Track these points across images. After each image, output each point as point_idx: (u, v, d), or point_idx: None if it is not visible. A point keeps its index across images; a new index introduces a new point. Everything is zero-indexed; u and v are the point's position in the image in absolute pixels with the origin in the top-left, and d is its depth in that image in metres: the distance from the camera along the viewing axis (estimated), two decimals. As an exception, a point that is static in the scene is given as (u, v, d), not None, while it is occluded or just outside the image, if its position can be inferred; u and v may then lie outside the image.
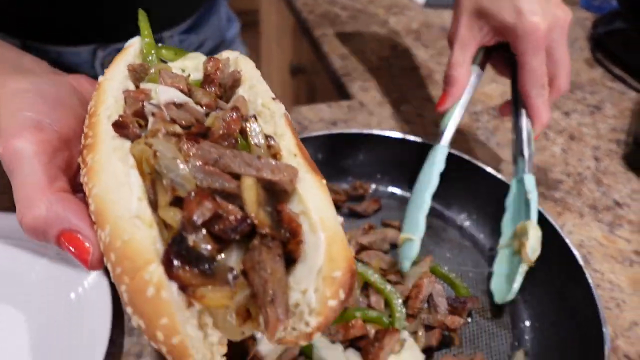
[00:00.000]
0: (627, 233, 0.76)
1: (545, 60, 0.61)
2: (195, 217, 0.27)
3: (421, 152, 0.70)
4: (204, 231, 0.28)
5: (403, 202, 0.73)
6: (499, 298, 0.60)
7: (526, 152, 0.63)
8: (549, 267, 0.60)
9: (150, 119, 0.34)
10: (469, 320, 0.60)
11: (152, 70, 0.40)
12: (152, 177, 0.31)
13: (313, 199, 0.32)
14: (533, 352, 0.57)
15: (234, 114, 0.35)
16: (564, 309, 0.57)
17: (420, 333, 0.55)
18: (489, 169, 0.69)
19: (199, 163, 0.31)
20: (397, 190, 0.76)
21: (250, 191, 0.30)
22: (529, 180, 0.61)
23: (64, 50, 0.78)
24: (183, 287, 0.27)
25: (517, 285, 0.58)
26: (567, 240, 0.60)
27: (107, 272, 0.32)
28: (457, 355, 0.56)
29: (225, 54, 0.45)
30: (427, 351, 0.55)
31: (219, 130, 0.33)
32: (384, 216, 0.72)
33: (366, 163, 0.76)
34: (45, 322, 0.55)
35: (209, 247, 0.28)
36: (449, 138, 0.67)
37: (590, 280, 0.57)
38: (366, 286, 0.60)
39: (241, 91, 0.40)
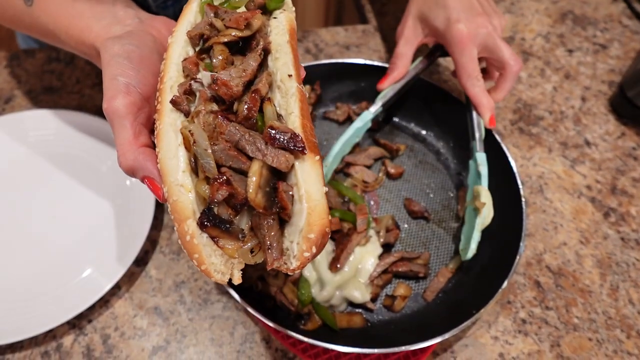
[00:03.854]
0: (586, 170, 0.87)
1: (474, 57, 0.73)
2: (216, 197, 0.41)
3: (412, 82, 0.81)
4: (224, 204, 0.41)
5: (394, 126, 0.87)
6: (463, 256, 0.71)
7: (477, 135, 0.74)
8: (499, 193, 0.74)
9: (197, 96, 0.45)
10: (428, 225, 0.77)
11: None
12: (194, 153, 0.43)
13: (304, 176, 0.41)
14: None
15: (255, 96, 0.44)
16: (501, 225, 0.72)
17: (381, 232, 0.73)
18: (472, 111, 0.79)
19: (223, 145, 0.42)
20: (392, 115, 0.89)
21: (254, 176, 0.40)
22: (480, 157, 0.73)
23: None
24: (211, 237, 0.41)
25: (474, 244, 0.69)
26: (515, 171, 0.73)
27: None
28: (409, 251, 0.73)
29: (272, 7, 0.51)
30: (387, 246, 0.73)
31: (242, 112, 0.44)
32: (377, 135, 0.86)
33: (367, 89, 0.88)
34: (107, 201, 0.75)
35: (226, 214, 0.41)
36: (375, 109, 0.78)
37: (523, 205, 0.71)
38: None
39: (269, 59, 0.48)
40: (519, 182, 0.73)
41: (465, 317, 0.63)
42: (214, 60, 0.47)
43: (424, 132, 0.87)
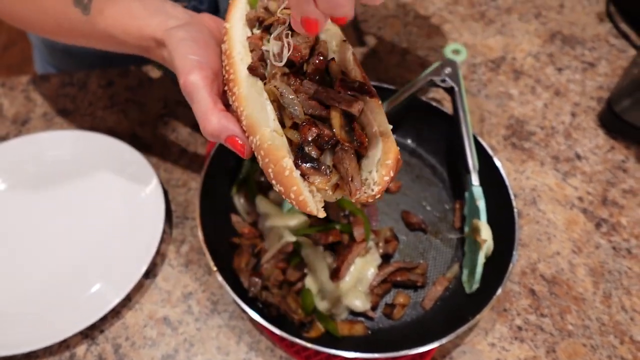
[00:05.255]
0: (578, 182, 0.91)
1: None
2: (308, 137, 0.47)
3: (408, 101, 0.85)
4: (312, 144, 0.47)
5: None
6: (468, 289, 0.73)
7: (471, 167, 0.77)
8: (492, 204, 0.77)
9: (268, 63, 0.52)
10: (425, 237, 0.81)
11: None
12: (279, 106, 0.50)
13: (374, 115, 0.49)
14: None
15: (320, 57, 0.51)
16: (495, 236, 0.75)
17: (380, 244, 0.76)
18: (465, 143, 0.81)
19: (304, 96, 0.49)
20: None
21: (335, 119, 0.48)
22: (477, 192, 0.75)
23: None
24: (303, 175, 0.47)
25: (478, 277, 0.71)
26: (507, 184, 0.77)
27: (161, 183, 0.51)
28: (407, 262, 0.76)
29: None
30: (386, 257, 0.76)
31: (313, 69, 0.51)
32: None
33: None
34: (119, 217, 0.79)
35: (314, 153, 0.47)
36: None
37: (515, 214, 0.74)
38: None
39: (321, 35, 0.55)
40: (511, 194, 0.76)
41: (462, 322, 0.65)
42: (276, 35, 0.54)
43: (419, 148, 0.91)
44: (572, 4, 1.23)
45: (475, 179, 0.77)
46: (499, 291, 0.67)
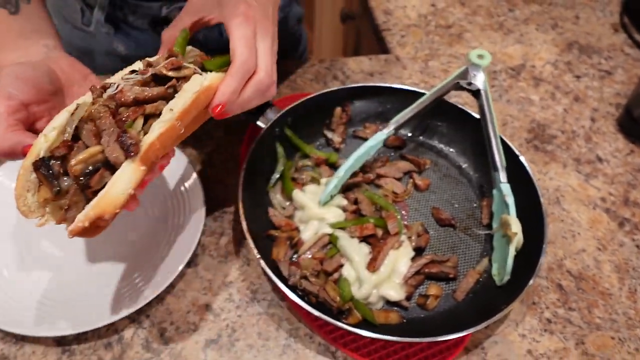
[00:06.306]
0: (600, 183, 0.94)
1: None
2: (55, 152, 0.53)
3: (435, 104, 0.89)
4: (60, 162, 0.53)
5: (418, 144, 0.95)
6: (498, 281, 0.75)
7: (499, 165, 0.80)
8: (520, 202, 0.79)
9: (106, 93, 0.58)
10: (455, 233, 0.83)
11: None
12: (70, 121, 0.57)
13: (121, 173, 0.51)
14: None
15: (137, 108, 0.55)
16: (524, 232, 0.78)
17: (413, 237, 0.79)
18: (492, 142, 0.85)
19: (90, 126, 0.54)
20: (416, 133, 0.97)
21: (86, 152, 0.52)
22: (505, 189, 0.78)
23: (139, 4, 0.97)
24: (39, 180, 0.54)
25: (509, 268, 0.73)
26: (534, 180, 0.80)
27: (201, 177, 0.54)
28: (438, 254, 0.79)
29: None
30: (418, 250, 0.79)
31: (121, 114, 0.54)
32: (404, 151, 0.94)
33: (392, 110, 0.96)
34: (165, 212, 0.83)
35: (58, 170, 0.53)
36: (388, 131, 0.85)
37: (543, 206, 0.77)
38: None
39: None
40: (538, 189, 0.79)
41: (494, 312, 0.68)
42: (131, 79, 0.59)
43: (446, 148, 0.95)
44: (587, 16, 1.27)
45: (503, 177, 0.80)
46: (532, 281, 0.69)
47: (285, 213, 0.82)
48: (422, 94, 0.90)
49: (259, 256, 0.69)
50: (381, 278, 0.73)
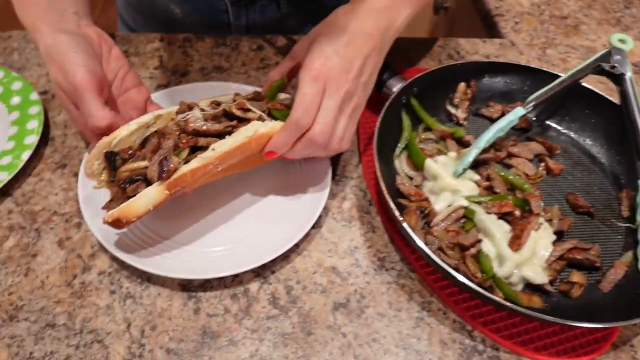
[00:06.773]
0: None
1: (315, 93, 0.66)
2: (124, 153, 0.64)
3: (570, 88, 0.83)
4: (125, 161, 0.64)
5: (544, 128, 0.89)
6: None
7: None
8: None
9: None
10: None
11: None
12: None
13: (148, 191, 0.59)
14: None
15: (190, 138, 0.62)
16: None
17: (554, 220, 0.73)
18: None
19: (155, 141, 0.65)
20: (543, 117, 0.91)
21: (134, 164, 0.62)
22: None
23: None
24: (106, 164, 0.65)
25: None
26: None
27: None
28: (580, 241, 0.73)
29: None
30: (559, 234, 0.73)
31: (175, 142, 0.62)
32: (531, 134, 0.88)
33: (517, 90, 0.90)
34: (292, 177, 0.79)
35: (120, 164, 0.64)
36: (528, 106, 0.80)
37: None
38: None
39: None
40: (697, 182, 0.72)
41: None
42: (206, 111, 0.66)
43: (575, 135, 0.88)
44: None
45: None
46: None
47: (412, 183, 0.77)
48: (558, 76, 0.85)
49: (401, 219, 0.65)
50: (523, 258, 0.68)
